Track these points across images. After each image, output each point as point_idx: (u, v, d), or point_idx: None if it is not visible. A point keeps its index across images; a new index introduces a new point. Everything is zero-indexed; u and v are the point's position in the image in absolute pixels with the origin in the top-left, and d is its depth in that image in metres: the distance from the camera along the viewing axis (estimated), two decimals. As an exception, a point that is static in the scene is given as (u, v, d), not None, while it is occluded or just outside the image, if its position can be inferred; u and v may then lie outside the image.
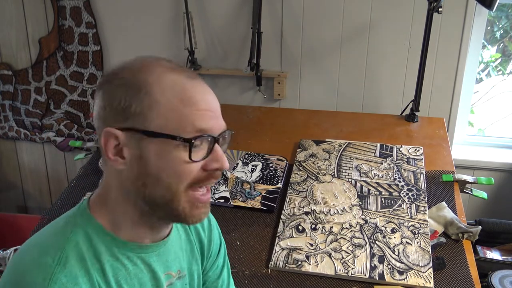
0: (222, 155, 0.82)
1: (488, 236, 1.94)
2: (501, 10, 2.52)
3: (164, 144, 0.77)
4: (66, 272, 0.75)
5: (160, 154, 0.78)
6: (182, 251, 0.96)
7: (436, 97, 2.26)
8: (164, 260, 0.90)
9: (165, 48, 2.44)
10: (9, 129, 2.72)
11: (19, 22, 2.52)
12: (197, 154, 0.79)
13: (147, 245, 0.86)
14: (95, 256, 0.80)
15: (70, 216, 0.84)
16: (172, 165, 0.78)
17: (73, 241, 0.79)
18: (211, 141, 0.81)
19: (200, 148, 0.79)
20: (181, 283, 0.94)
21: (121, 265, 0.83)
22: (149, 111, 0.77)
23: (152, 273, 0.87)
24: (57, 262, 0.76)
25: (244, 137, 1.98)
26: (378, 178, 1.68)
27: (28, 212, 2.91)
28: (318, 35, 2.27)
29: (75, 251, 0.78)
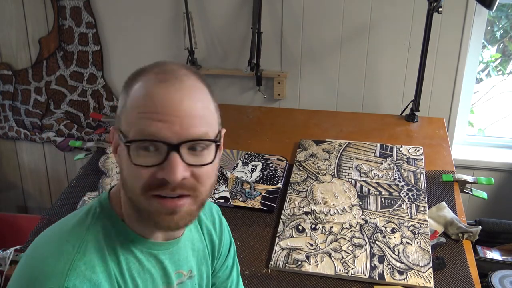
0: (172, 166, 0.75)
1: (488, 236, 1.94)
2: (501, 10, 2.52)
3: (122, 145, 0.79)
4: (86, 260, 0.78)
5: (121, 155, 0.81)
6: (194, 251, 0.97)
7: (436, 97, 2.26)
8: (176, 259, 0.91)
9: (165, 48, 2.44)
10: (9, 129, 2.72)
11: (19, 22, 2.52)
12: (146, 160, 0.76)
13: (160, 242, 0.88)
14: (112, 248, 0.82)
15: (91, 207, 0.86)
16: (127, 167, 0.79)
17: (92, 231, 0.82)
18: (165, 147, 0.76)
19: (151, 153, 0.76)
20: (191, 283, 0.95)
21: (135, 259, 0.84)
22: (122, 114, 0.81)
23: (164, 270, 0.88)
24: (77, 250, 0.78)
25: (244, 137, 1.98)
26: (378, 178, 1.68)
27: (28, 212, 2.91)
28: (318, 35, 2.27)
29: (94, 241, 0.81)
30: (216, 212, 1.06)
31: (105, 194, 0.88)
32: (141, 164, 0.77)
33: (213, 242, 1.02)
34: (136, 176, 0.78)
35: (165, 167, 0.76)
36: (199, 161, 0.79)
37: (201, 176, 0.79)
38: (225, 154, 1.85)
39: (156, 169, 0.76)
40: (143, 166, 0.77)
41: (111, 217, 0.85)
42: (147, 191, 0.78)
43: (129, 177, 0.79)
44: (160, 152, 0.76)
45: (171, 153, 0.76)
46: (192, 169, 0.78)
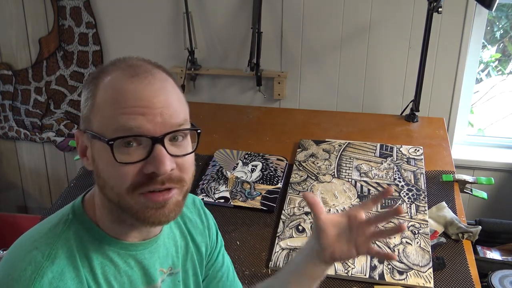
0: (160, 158, 0.74)
1: (488, 236, 1.94)
2: (501, 10, 2.52)
3: (101, 146, 0.77)
4: (53, 268, 0.76)
5: (100, 156, 0.78)
6: (175, 247, 0.95)
7: (436, 97, 2.26)
8: (156, 256, 0.89)
9: (165, 48, 2.44)
10: (9, 129, 2.72)
11: (19, 22, 2.52)
12: (131, 155, 0.75)
13: (138, 242, 0.87)
14: (85, 253, 0.81)
15: (64, 213, 0.85)
16: (108, 168, 0.77)
17: (63, 237, 0.80)
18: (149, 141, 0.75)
19: (135, 148, 0.75)
20: (172, 280, 0.93)
21: (110, 263, 0.83)
22: (91, 114, 0.79)
23: (144, 270, 0.87)
24: (46, 258, 0.77)
25: (244, 137, 1.98)
26: (378, 178, 1.68)
27: (28, 212, 2.91)
28: (318, 35, 2.27)
29: (65, 248, 0.79)
30: (199, 203, 1.06)
31: (78, 199, 0.87)
32: (126, 161, 0.75)
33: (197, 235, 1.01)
34: (120, 176, 0.76)
35: (152, 161, 0.75)
36: (182, 151, 0.79)
37: (184, 166, 0.79)
38: (225, 154, 1.85)
39: (142, 164, 0.75)
40: (129, 164, 0.75)
41: (84, 222, 0.83)
42: (134, 190, 0.76)
43: (112, 177, 0.77)
44: (143, 146, 0.76)
45: (155, 145, 0.75)
46: (176, 160, 0.77)
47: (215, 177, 1.73)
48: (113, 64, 0.81)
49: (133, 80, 0.77)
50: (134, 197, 0.77)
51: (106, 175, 0.78)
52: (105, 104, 0.77)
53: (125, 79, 0.78)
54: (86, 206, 0.86)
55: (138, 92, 0.76)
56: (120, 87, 0.77)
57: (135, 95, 0.76)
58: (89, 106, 0.79)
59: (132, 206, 0.78)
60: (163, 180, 0.76)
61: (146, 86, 0.77)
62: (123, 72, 0.79)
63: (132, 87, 0.76)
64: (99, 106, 0.78)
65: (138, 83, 0.77)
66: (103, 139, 0.75)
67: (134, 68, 0.79)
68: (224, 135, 1.99)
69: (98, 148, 0.78)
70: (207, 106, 2.36)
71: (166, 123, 0.76)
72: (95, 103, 0.78)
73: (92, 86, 0.80)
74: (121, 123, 0.75)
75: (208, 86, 2.47)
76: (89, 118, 0.79)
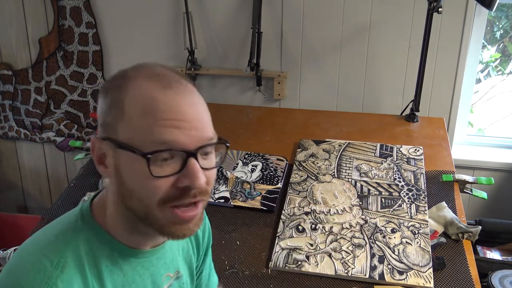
0: (195, 172, 0.74)
1: (488, 236, 1.94)
2: (501, 10, 2.52)
3: (131, 157, 0.75)
4: (63, 278, 0.75)
5: (129, 167, 0.76)
6: (179, 251, 0.96)
7: (436, 97, 2.26)
8: (162, 262, 0.90)
9: (165, 48, 2.44)
10: (9, 129, 2.72)
11: (19, 22, 2.52)
12: (164, 169, 0.74)
13: (148, 250, 0.86)
14: (94, 261, 0.80)
15: (72, 218, 0.84)
16: (139, 180, 0.75)
17: (73, 245, 0.79)
18: (183, 155, 0.74)
19: (169, 162, 0.74)
20: (178, 283, 0.95)
21: (119, 271, 0.82)
22: (118, 123, 0.76)
23: (152, 277, 0.87)
24: (55, 267, 0.76)
25: (244, 137, 1.98)
26: (378, 178, 1.68)
27: (28, 212, 2.91)
28: (318, 35, 2.27)
29: (74, 256, 0.78)
30: None
31: (86, 204, 0.85)
32: (161, 175, 0.74)
33: (198, 237, 1.02)
34: (153, 188, 0.74)
35: (187, 174, 0.74)
36: (210, 165, 0.79)
37: (210, 179, 0.80)
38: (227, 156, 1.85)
39: (176, 178, 0.75)
40: (163, 177, 0.74)
41: (94, 228, 0.82)
42: (165, 203, 0.75)
43: (143, 190, 0.75)
44: (176, 159, 0.75)
45: (189, 159, 0.75)
46: (206, 173, 0.78)
47: (215, 177, 1.73)
48: (138, 71, 0.79)
49: (166, 92, 0.76)
50: (163, 210, 0.76)
51: (135, 186, 0.76)
52: (136, 114, 0.75)
53: (157, 89, 0.76)
54: (95, 211, 0.84)
55: (173, 104, 0.75)
56: (153, 98, 0.75)
57: (169, 107, 0.75)
58: (115, 114, 0.77)
59: (159, 219, 0.77)
60: (195, 193, 0.76)
61: (180, 98, 0.76)
62: (153, 82, 0.77)
63: (165, 98, 0.75)
64: (130, 116, 0.75)
65: (171, 95, 0.76)
66: (138, 152, 0.73)
67: (164, 78, 0.78)
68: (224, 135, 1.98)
69: (126, 159, 0.76)
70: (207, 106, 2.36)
71: (199, 137, 0.76)
72: (124, 112, 0.76)
73: (118, 94, 0.77)
74: (156, 136, 0.73)
75: (208, 86, 2.47)
76: (115, 126, 0.77)
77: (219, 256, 1.43)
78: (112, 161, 0.78)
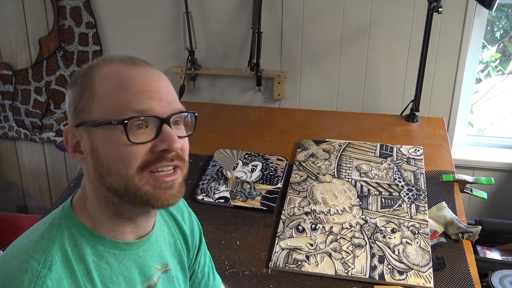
0: (170, 136, 0.80)
1: (488, 236, 1.94)
2: (501, 10, 2.52)
3: (107, 130, 0.79)
4: (52, 276, 0.76)
5: (105, 141, 0.80)
6: (166, 245, 0.97)
7: (436, 97, 2.26)
8: (150, 254, 0.90)
9: (165, 48, 2.44)
10: (9, 129, 2.72)
11: (19, 22, 2.52)
12: (140, 137, 0.79)
13: (132, 242, 0.87)
14: (80, 257, 0.81)
15: (55, 218, 0.85)
16: (116, 150, 0.79)
17: (58, 243, 0.80)
18: (157, 122, 0.80)
19: (144, 130, 0.79)
20: (167, 276, 0.95)
21: (106, 264, 0.83)
22: (91, 104, 0.81)
23: (139, 268, 0.88)
24: (42, 265, 0.76)
25: (244, 137, 1.98)
26: (378, 178, 1.68)
27: (28, 212, 2.91)
28: (318, 35, 2.27)
29: (60, 253, 0.79)
30: (183, 204, 1.07)
31: (67, 202, 0.87)
32: (137, 141, 0.78)
33: (184, 233, 1.03)
34: (132, 155, 0.78)
35: (163, 138, 0.79)
36: (183, 133, 0.85)
37: (185, 147, 0.84)
38: (225, 154, 1.85)
39: (153, 144, 0.80)
40: (141, 144, 0.79)
41: (77, 225, 0.83)
42: (143, 169, 0.79)
43: (120, 160, 0.79)
44: (150, 128, 0.80)
45: (164, 126, 0.80)
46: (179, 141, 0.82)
47: (215, 177, 1.73)
48: (103, 60, 0.85)
49: (134, 67, 0.83)
50: (143, 177, 0.79)
51: (112, 159, 0.79)
52: (109, 91, 0.80)
53: (125, 67, 0.82)
54: (76, 208, 0.86)
55: (144, 77, 0.81)
56: (123, 74, 0.81)
57: (141, 80, 0.81)
58: (87, 97, 0.81)
59: (140, 187, 0.80)
60: (172, 157, 0.81)
61: (148, 72, 0.83)
62: (120, 63, 0.83)
63: (136, 73, 0.82)
64: (102, 94, 0.80)
65: (140, 69, 0.83)
66: (115, 122, 0.78)
67: (127, 59, 0.84)
68: (224, 135, 1.99)
69: (102, 134, 0.80)
70: (207, 106, 2.36)
71: (170, 106, 0.82)
72: (96, 93, 0.81)
73: (85, 80, 0.82)
74: (133, 106, 0.79)
75: (208, 86, 2.47)
76: (88, 109, 0.81)
77: (219, 256, 1.43)
78: (88, 144, 0.82)
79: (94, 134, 0.80)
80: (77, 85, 0.83)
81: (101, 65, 0.84)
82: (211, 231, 1.52)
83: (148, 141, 0.79)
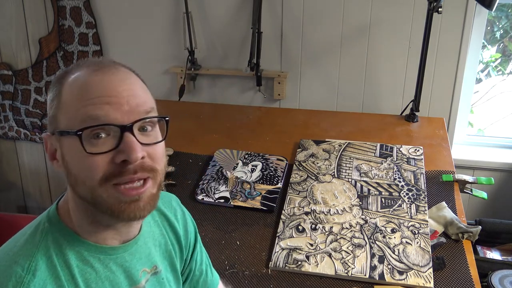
0: (130, 145, 0.74)
1: (488, 236, 1.94)
2: (501, 10, 2.52)
3: (69, 140, 0.77)
4: (36, 282, 0.75)
5: (70, 151, 0.78)
6: (156, 247, 0.95)
7: (436, 97, 2.26)
8: (137, 258, 0.89)
9: (165, 48, 2.44)
10: (9, 129, 2.72)
11: (19, 22, 2.52)
12: (100, 147, 0.75)
13: (118, 246, 0.85)
14: (65, 262, 0.80)
15: (40, 222, 0.84)
16: (79, 161, 0.76)
17: (42, 247, 0.79)
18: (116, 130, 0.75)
19: (105, 139, 0.75)
20: (157, 278, 0.93)
21: (91, 269, 0.82)
22: (58, 113, 0.79)
23: (126, 273, 0.86)
24: (26, 271, 0.75)
25: (244, 137, 1.98)
26: (378, 178, 1.68)
27: (28, 212, 2.91)
28: (318, 35, 2.27)
29: (44, 258, 0.78)
30: (176, 202, 1.05)
31: (53, 207, 0.86)
32: (96, 152, 0.75)
33: (177, 233, 1.01)
34: (92, 167, 0.75)
35: (122, 149, 0.75)
36: (152, 140, 0.79)
37: (156, 155, 0.79)
38: (225, 154, 1.85)
39: (113, 154, 0.75)
40: (99, 154, 0.75)
41: (62, 229, 0.82)
42: (106, 181, 0.76)
43: (83, 170, 0.76)
44: (112, 136, 0.76)
45: (125, 134, 0.75)
46: (147, 149, 0.78)
47: (215, 177, 1.73)
48: (77, 65, 0.82)
49: (97, 73, 0.78)
50: (107, 190, 0.76)
51: (76, 169, 0.77)
52: (71, 99, 0.77)
53: (89, 73, 0.78)
54: (61, 213, 0.84)
55: (103, 83, 0.77)
56: (85, 81, 0.78)
57: (100, 86, 0.77)
58: (55, 105, 0.79)
59: (105, 200, 0.77)
60: (135, 169, 0.76)
61: (110, 77, 0.78)
62: (87, 69, 0.80)
63: (96, 79, 0.77)
64: (65, 103, 0.78)
65: (102, 75, 0.78)
66: (72, 132, 0.75)
67: (98, 64, 0.80)
68: (224, 135, 1.99)
69: (67, 144, 0.78)
70: (207, 106, 2.36)
71: (133, 111, 0.77)
72: (61, 101, 0.79)
73: (58, 86, 0.80)
74: (88, 114, 0.75)
75: (208, 86, 2.47)
76: (56, 117, 0.79)
77: (219, 256, 1.43)
78: (60, 152, 0.80)
79: (62, 143, 0.79)
80: (51, 92, 0.82)
81: (72, 71, 0.81)
82: (211, 231, 1.52)
83: (106, 151, 0.75)
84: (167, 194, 1.05)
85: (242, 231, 1.53)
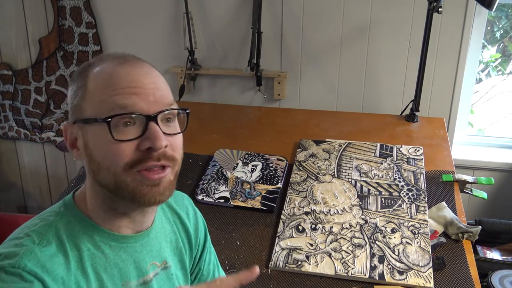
0: (156, 134, 0.79)
1: (488, 236, 1.94)
2: (501, 10, 2.52)
3: (95, 128, 0.80)
4: (44, 250, 0.79)
5: (94, 139, 0.81)
6: (167, 242, 0.97)
7: (436, 97, 2.26)
8: (148, 250, 0.91)
9: (165, 48, 2.44)
10: (9, 129, 2.72)
11: (19, 22, 2.52)
12: (126, 134, 0.79)
13: (130, 235, 0.88)
14: (75, 245, 0.83)
15: (56, 207, 0.88)
16: (104, 148, 0.80)
17: (54, 227, 0.83)
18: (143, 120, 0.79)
19: (131, 127, 0.79)
20: (166, 274, 0.95)
21: (101, 254, 0.85)
22: (83, 102, 0.82)
23: (135, 263, 0.89)
24: (37, 244, 0.79)
25: (244, 137, 1.98)
26: (378, 178, 1.68)
27: (28, 212, 2.91)
28: (318, 35, 2.27)
29: (55, 237, 0.82)
30: (189, 202, 1.08)
31: (69, 196, 0.90)
32: (124, 139, 0.78)
33: (188, 231, 1.03)
34: (118, 153, 0.79)
35: (148, 137, 0.79)
36: (172, 131, 0.83)
37: (176, 145, 0.84)
38: (225, 154, 1.85)
39: (138, 142, 0.79)
40: (126, 141, 0.78)
41: (76, 215, 0.86)
42: (131, 168, 0.79)
43: (108, 157, 0.79)
44: (138, 125, 0.80)
45: (150, 123, 0.79)
46: (168, 139, 0.82)
47: (215, 177, 1.73)
48: (100, 58, 0.86)
49: (123, 66, 0.82)
50: (131, 175, 0.80)
51: (101, 156, 0.80)
52: (98, 89, 0.81)
53: (115, 65, 0.83)
54: (77, 201, 0.88)
55: (130, 74, 0.81)
56: (112, 72, 0.82)
57: (127, 77, 0.81)
58: (80, 95, 0.83)
59: (128, 184, 0.80)
60: (158, 156, 0.80)
61: (136, 70, 0.82)
62: (112, 61, 0.84)
63: (123, 71, 0.82)
64: (91, 93, 0.82)
65: (128, 67, 0.82)
66: (100, 120, 0.79)
67: (121, 56, 0.85)
68: (224, 135, 1.99)
69: (92, 131, 0.81)
70: (207, 106, 2.36)
71: (158, 103, 0.81)
72: (87, 91, 0.82)
73: (82, 78, 0.84)
74: (116, 103, 0.79)
75: (208, 86, 2.47)
76: (81, 106, 0.82)
77: (219, 256, 1.42)
78: (82, 140, 0.83)
79: (86, 131, 0.82)
80: (74, 83, 0.85)
81: (95, 64, 0.85)
82: (211, 231, 1.51)
83: (133, 138, 0.79)
84: (180, 193, 1.07)
85: (242, 231, 1.53)
